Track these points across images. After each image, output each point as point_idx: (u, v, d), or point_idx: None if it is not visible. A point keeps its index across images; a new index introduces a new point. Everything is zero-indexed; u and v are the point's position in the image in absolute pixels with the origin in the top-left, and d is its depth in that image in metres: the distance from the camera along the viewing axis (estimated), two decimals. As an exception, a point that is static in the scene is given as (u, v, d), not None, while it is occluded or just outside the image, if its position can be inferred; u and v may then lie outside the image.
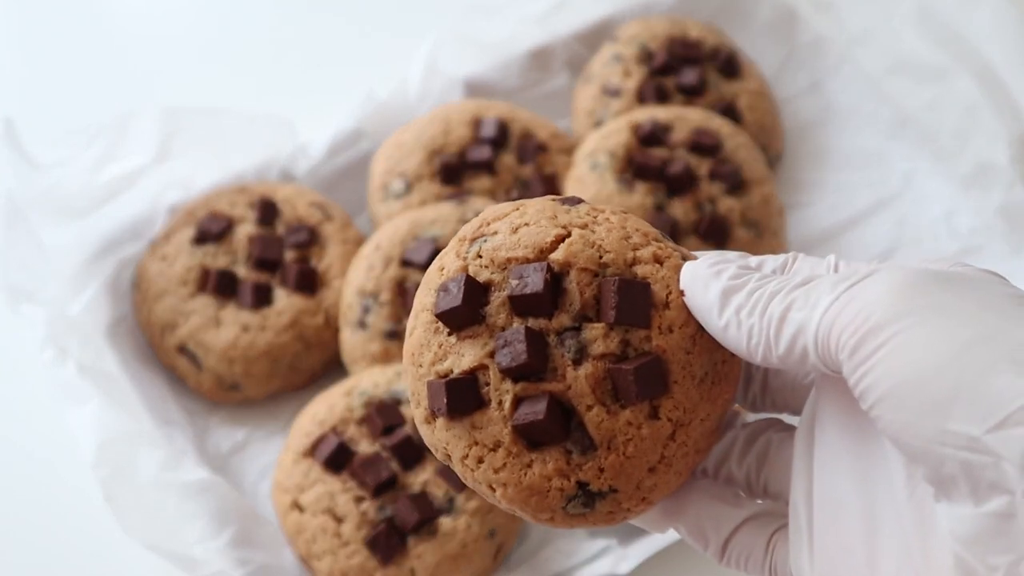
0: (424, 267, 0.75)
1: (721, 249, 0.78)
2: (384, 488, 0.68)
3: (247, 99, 0.88)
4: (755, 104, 0.88)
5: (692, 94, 0.87)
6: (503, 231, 0.42)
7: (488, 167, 0.83)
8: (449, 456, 0.41)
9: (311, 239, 0.80)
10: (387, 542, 0.67)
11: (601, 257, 0.41)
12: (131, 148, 0.81)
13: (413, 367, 0.42)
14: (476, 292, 0.41)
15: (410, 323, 0.42)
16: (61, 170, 0.79)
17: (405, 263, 0.76)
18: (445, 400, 0.40)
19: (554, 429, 0.39)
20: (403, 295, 0.75)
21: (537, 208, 0.42)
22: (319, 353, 0.78)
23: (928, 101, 0.87)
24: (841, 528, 0.37)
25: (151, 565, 0.68)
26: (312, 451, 0.70)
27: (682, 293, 0.40)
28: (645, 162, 0.79)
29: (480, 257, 0.41)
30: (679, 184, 0.79)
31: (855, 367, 0.34)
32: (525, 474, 0.40)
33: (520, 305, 0.40)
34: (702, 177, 0.80)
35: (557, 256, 0.41)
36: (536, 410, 0.39)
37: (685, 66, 0.88)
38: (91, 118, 0.82)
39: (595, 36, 0.92)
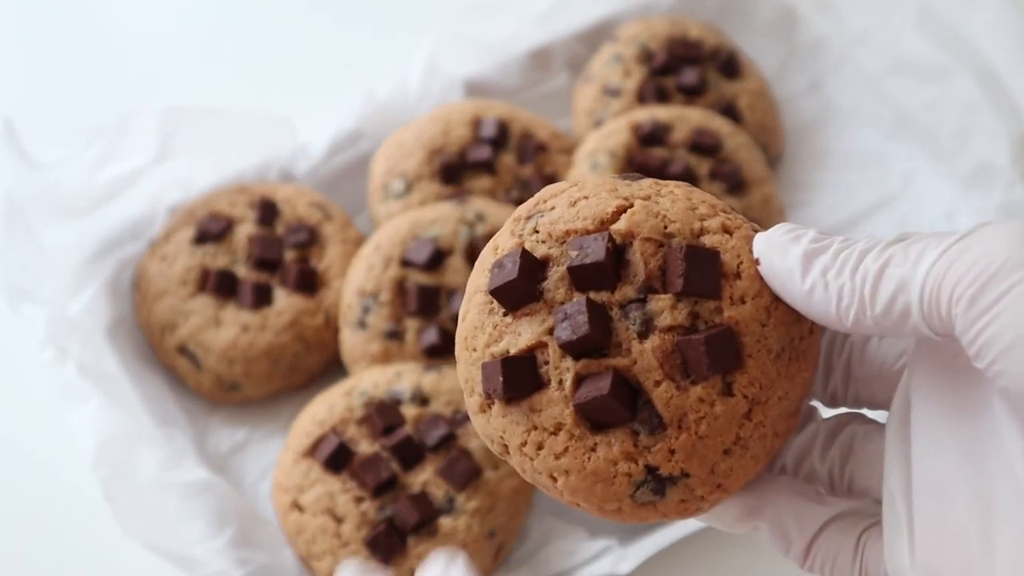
0: (424, 267, 0.75)
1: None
2: (384, 488, 0.68)
3: (247, 99, 0.88)
4: (755, 104, 0.88)
5: (692, 94, 0.87)
6: (561, 205, 0.39)
7: (488, 167, 0.83)
8: (506, 446, 0.38)
9: (311, 239, 0.80)
10: (387, 542, 0.67)
11: (666, 227, 0.38)
12: (131, 148, 0.81)
13: (466, 352, 0.39)
14: (533, 267, 0.38)
15: (462, 308, 0.40)
16: (61, 170, 0.79)
17: (405, 263, 0.76)
18: (501, 380, 0.37)
19: (619, 407, 0.36)
20: (403, 295, 0.75)
21: (597, 183, 0.40)
22: (319, 353, 0.78)
23: (928, 101, 0.87)
24: (948, 515, 0.34)
25: (151, 565, 0.68)
26: (312, 451, 0.70)
27: (757, 262, 0.38)
28: (645, 162, 0.79)
29: (537, 232, 0.39)
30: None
31: (973, 319, 0.32)
32: (589, 458, 0.37)
33: (580, 277, 0.37)
34: (702, 177, 0.80)
35: (619, 227, 0.38)
36: (599, 386, 0.36)
37: (685, 66, 0.88)
38: (91, 118, 0.82)
39: (595, 36, 0.92)
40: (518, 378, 0.37)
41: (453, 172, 0.82)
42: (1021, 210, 0.82)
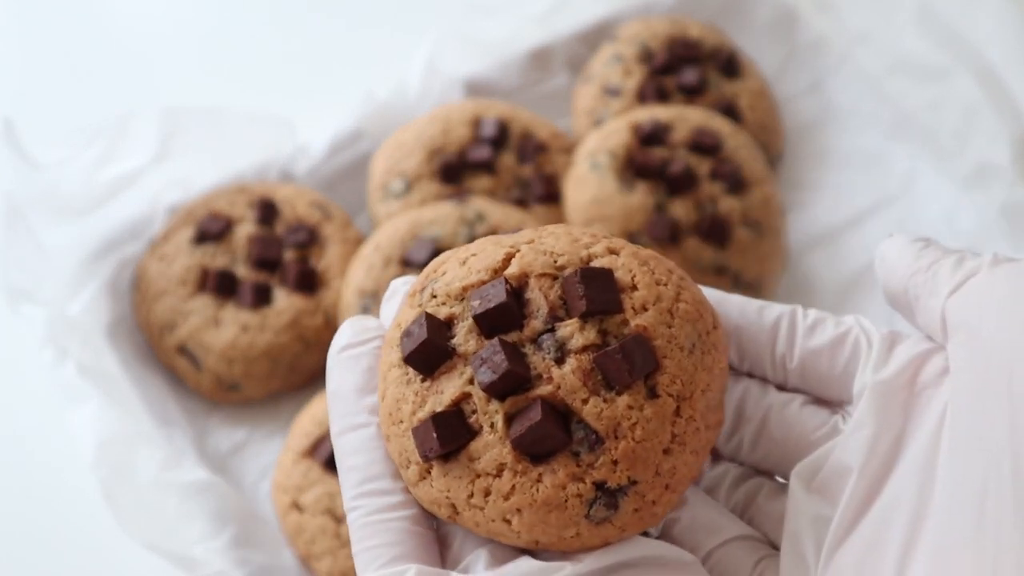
0: (424, 267, 0.75)
1: (721, 249, 0.78)
2: (384, 488, 0.68)
3: (247, 99, 0.88)
4: (755, 104, 0.88)
5: (692, 94, 0.87)
6: (451, 268, 0.41)
7: (488, 167, 0.82)
8: (454, 506, 0.38)
9: (311, 239, 0.80)
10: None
11: (556, 261, 0.40)
12: (131, 148, 0.81)
13: (394, 427, 0.39)
14: (439, 326, 0.39)
15: (380, 389, 0.40)
16: (61, 170, 0.79)
17: (405, 263, 0.76)
18: (435, 436, 0.38)
19: (555, 431, 0.37)
20: (403, 295, 0.75)
21: (479, 243, 0.41)
22: (319, 353, 0.78)
23: (928, 101, 0.86)
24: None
25: (151, 565, 0.67)
26: (312, 451, 0.70)
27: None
28: (645, 162, 0.79)
29: (435, 296, 0.40)
30: (679, 184, 0.79)
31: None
32: (537, 490, 0.37)
33: (487, 322, 0.39)
34: (702, 177, 0.80)
35: (512, 271, 0.40)
36: (531, 416, 0.37)
37: (685, 66, 0.88)
38: (91, 118, 0.82)
39: (595, 36, 0.92)
40: (450, 431, 0.38)
41: (453, 172, 0.82)
42: (1022, 210, 0.81)
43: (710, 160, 0.81)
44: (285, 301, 0.78)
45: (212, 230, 0.79)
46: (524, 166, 0.83)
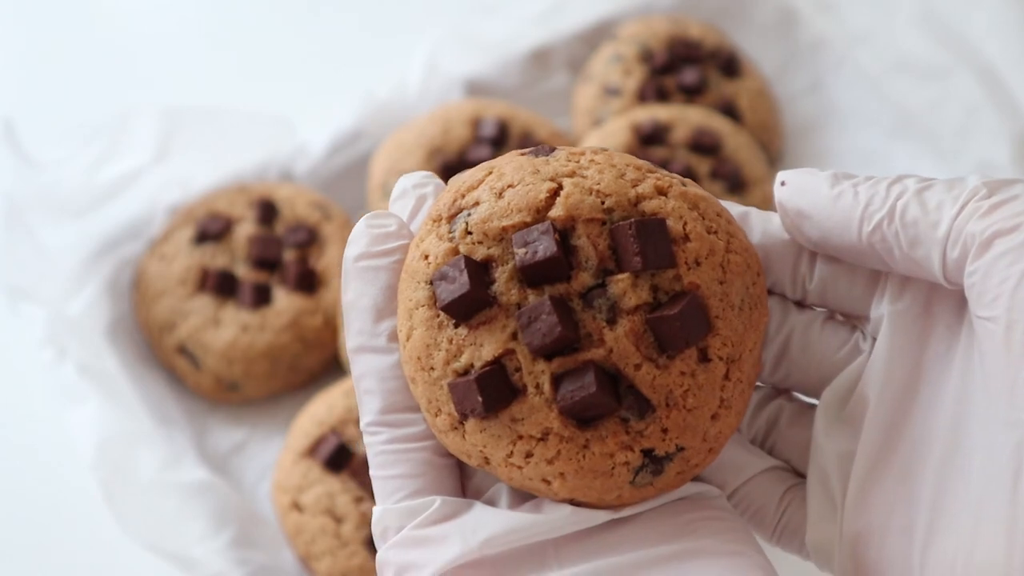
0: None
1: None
2: (384, 488, 0.68)
3: (246, 99, 0.88)
4: (756, 104, 0.88)
5: (692, 94, 0.87)
6: (486, 199, 0.37)
7: (488, 167, 0.82)
8: (488, 460, 0.37)
9: (310, 239, 0.80)
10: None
11: (603, 203, 0.37)
12: (130, 148, 0.81)
13: (423, 372, 0.37)
14: (479, 273, 0.36)
15: (402, 325, 0.38)
16: (60, 170, 0.79)
17: (405, 263, 0.76)
18: (480, 399, 0.36)
19: (607, 401, 0.36)
20: (403, 295, 0.75)
21: (513, 166, 0.38)
22: (318, 353, 0.78)
23: (929, 101, 0.87)
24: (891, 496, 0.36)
25: (151, 565, 0.67)
26: (312, 451, 0.70)
27: (782, 184, 0.39)
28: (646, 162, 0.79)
29: (470, 233, 0.37)
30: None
31: (993, 261, 0.33)
32: (584, 456, 0.36)
33: (534, 274, 0.36)
34: (702, 177, 0.80)
35: (557, 212, 0.37)
36: (584, 384, 0.35)
37: (685, 66, 0.88)
38: (90, 118, 0.82)
39: (595, 35, 0.92)
40: (495, 394, 0.36)
41: (453, 171, 0.82)
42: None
43: (710, 160, 0.81)
44: (285, 301, 0.78)
45: (212, 230, 0.79)
46: (524, 166, 0.83)
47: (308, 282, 0.78)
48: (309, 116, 0.86)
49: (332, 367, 0.79)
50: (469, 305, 0.36)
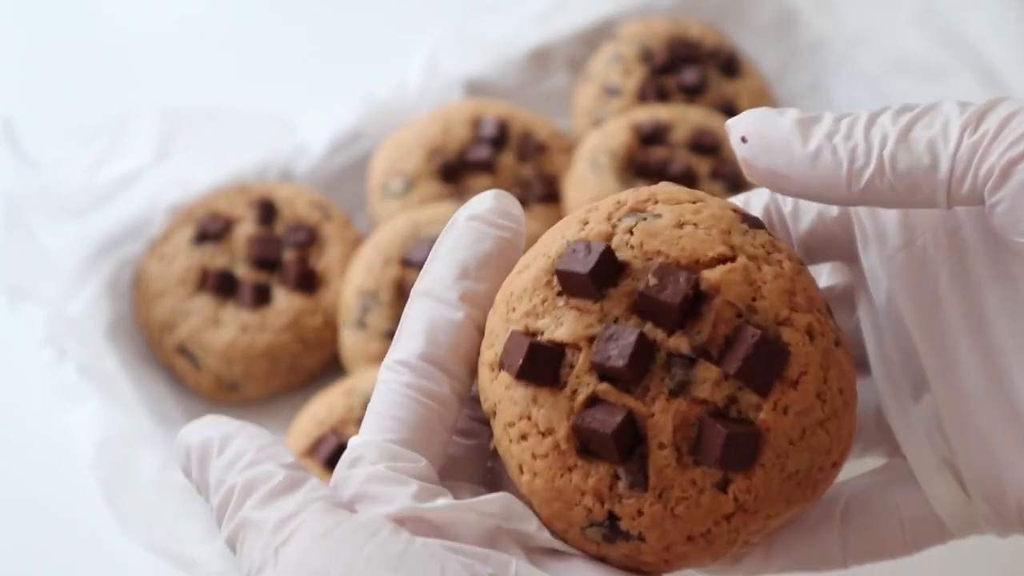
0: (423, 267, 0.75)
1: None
2: (384, 488, 0.68)
3: (246, 98, 0.88)
4: (756, 104, 0.88)
5: (693, 93, 0.87)
6: (667, 218, 0.37)
7: (488, 167, 0.82)
8: (494, 414, 0.37)
9: (310, 239, 0.80)
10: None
11: (754, 299, 0.36)
12: (130, 148, 0.81)
13: (504, 307, 0.37)
14: (608, 268, 0.36)
15: (523, 260, 0.38)
16: (60, 170, 0.79)
17: (405, 263, 0.76)
18: (520, 360, 0.35)
19: (615, 450, 0.35)
20: (403, 295, 0.75)
21: (714, 214, 0.37)
22: (318, 353, 0.78)
23: (929, 101, 0.86)
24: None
25: (151, 565, 0.67)
26: (312, 451, 0.70)
27: (743, 140, 0.36)
28: (646, 162, 0.79)
29: (631, 234, 0.37)
30: (679, 184, 0.79)
31: (1017, 188, 0.32)
32: (562, 476, 0.36)
33: (647, 306, 0.36)
34: (702, 177, 0.80)
35: (710, 275, 0.36)
36: (608, 422, 0.35)
37: (686, 65, 0.88)
38: (90, 118, 0.82)
39: (595, 35, 0.92)
40: (538, 367, 0.36)
41: (453, 171, 0.82)
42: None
43: (710, 160, 0.81)
44: (285, 301, 0.78)
45: (212, 230, 0.79)
46: (524, 166, 0.83)
47: (308, 282, 0.78)
48: (309, 116, 0.86)
49: (332, 367, 0.79)
50: (577, 286, 0.36)
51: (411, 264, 0.76)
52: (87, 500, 0.70)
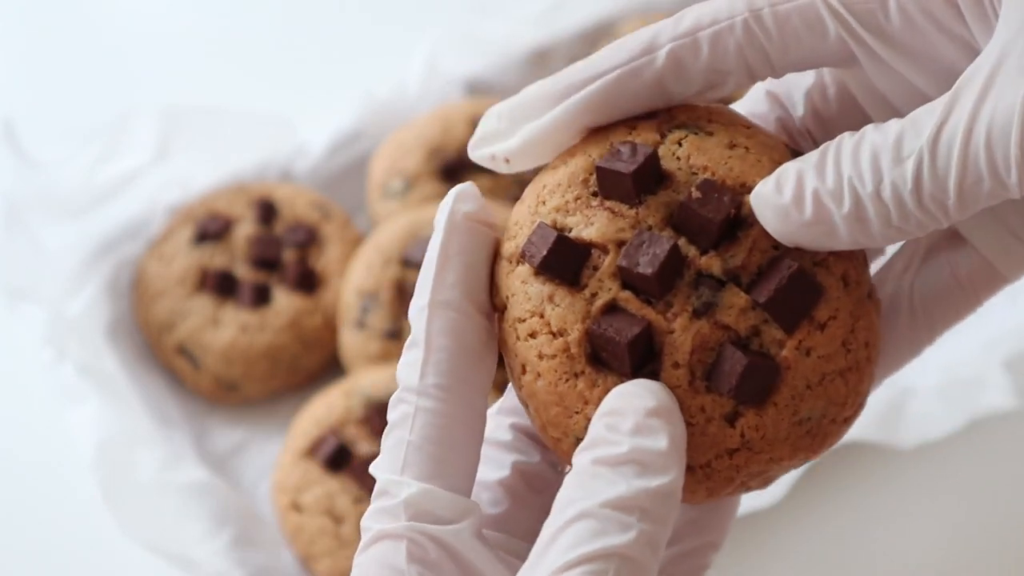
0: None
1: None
2: (383, 488, 0.68)
3: (246, 98, 0.88)
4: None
5: (692, 93, 0.87)
6: (720, 137, 0.35)
7: (488, 167, 0.82)
8: (506, 307, 0.35)
9: (310, 239, 0.80)
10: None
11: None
12: (130, 148, 0.81)
13: (534, 199, 0.35)
14: (651, 173, 0.34)
15: (560, 158, 0.36)
16: (60, 170, 0.79)
17: (404, 262, 0.76)
18: (544, 252, 0.34)
19: (627, 361, 0.33)
20: (402, 295, 0.75)
21: (767, 142, 0.36)
22: (318, 353, 0.78)
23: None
24: None
25: (151, 565, 0.67)
26: (311, 451, 0.70)
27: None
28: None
29: (679, 145, 0.35)
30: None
31: None
32: (566, 381, 0.34)
33: (686, 219, 0.34)
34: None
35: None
36: (625, 331, 0.33)
37: (685, 65, 0.88)
38: (90, 118, 0.82)
39: (595, 36, 0.92)
40: (561, 262, 0.34)
41: (453, 171, 0.82)
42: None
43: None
44: (284, 301, 0.78)
45: (211, 230, 0.79)
46: (524, 166, 0.83)
47: (308, 282, 0.78)
48: (309, 116, 0.86)
49: (332, 367, 0.79)
50: (615, 187, 0.34)
51: (411, 264, 0.76)
52: (87, 500, 0.70)
